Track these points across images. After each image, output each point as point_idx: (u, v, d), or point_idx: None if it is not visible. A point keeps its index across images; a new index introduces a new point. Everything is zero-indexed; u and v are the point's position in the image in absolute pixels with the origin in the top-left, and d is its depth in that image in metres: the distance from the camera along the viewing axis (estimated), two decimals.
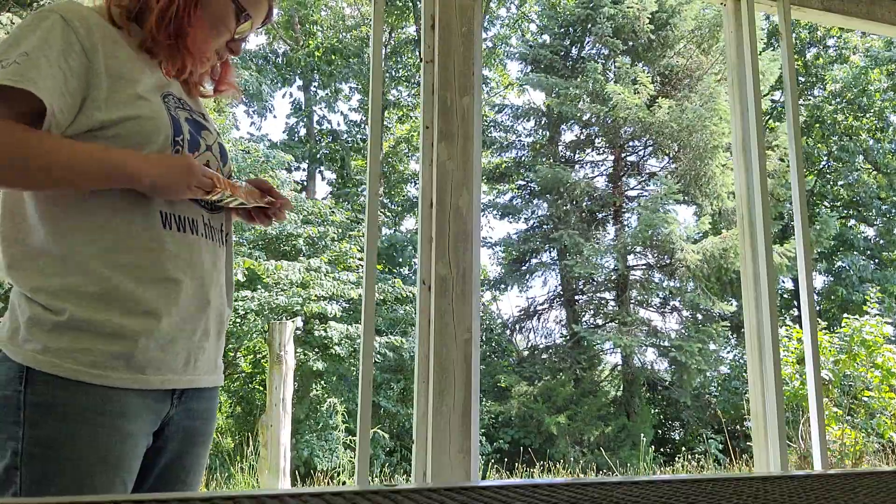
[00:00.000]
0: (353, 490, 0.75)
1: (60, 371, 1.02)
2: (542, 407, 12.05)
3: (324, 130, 15.93)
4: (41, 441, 1.00)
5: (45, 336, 1.03)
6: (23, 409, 1.00)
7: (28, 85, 1.01)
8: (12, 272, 1.08)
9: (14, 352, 1.03)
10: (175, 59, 1.21)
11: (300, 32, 16.15)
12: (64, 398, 1.02)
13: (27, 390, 1.01)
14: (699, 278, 12.26)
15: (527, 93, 14.70)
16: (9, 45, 1.05)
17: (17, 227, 1.09)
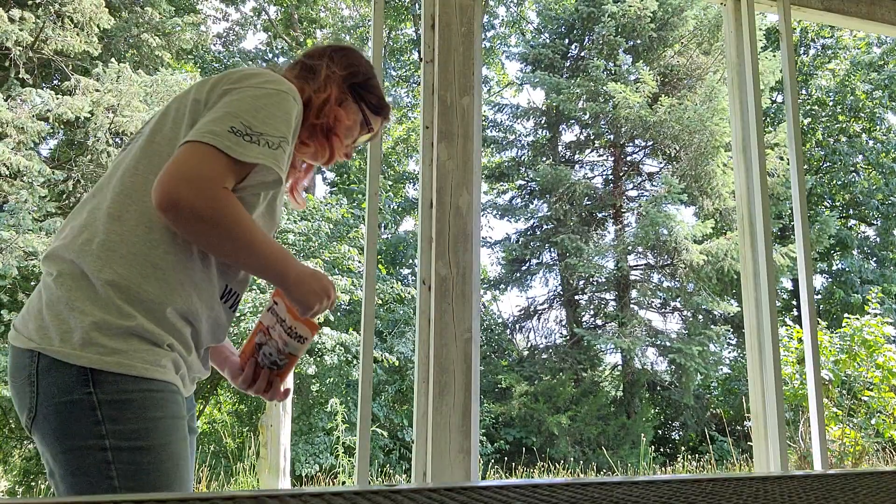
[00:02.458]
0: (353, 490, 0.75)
1: (131, 370, 1.09)
2: (543, 407, 12.05)
3: None
4: (125, 434, 1.07)
5: (110, 339, 1.09)
6: (98, 409, 1.06)
7: (280, 172, 1.20)
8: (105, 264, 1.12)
9: (72, 356, 1.07)
10: (324, 151, 1.41)
11: (300, 32, 16.15)
12: (138, 393, 1.09)
13: (97, 390, 1.07)
14: (699, 278, 12.26)
15: (526, 92, 14.70)
16: (266, 114, 1.19)
17: (141, 237, 1.15)
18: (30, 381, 1.09)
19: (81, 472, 1.07)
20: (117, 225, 1.15)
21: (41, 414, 1.09)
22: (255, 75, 1.24)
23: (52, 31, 9.76)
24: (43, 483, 8.90)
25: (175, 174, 1.09)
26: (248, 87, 1.21)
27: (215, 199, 1.10)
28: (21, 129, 8.97)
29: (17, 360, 1.12)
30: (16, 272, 8.57)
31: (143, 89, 10.16)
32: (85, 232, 1.16)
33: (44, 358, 1.09)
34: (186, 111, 1.23)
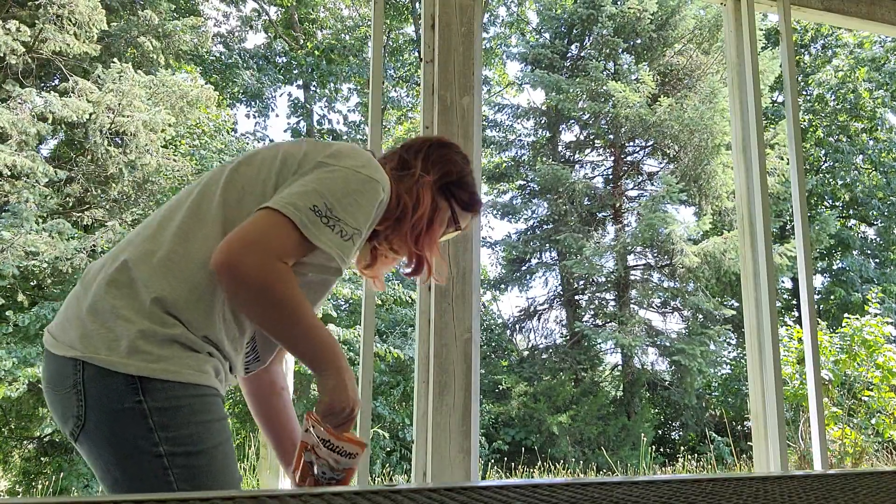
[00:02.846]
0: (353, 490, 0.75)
1: (177, 376, 1.10)
2: (543, 407, 12.04)
3: (324, 130, 15.93)
4: (178, 440, 1.09)
5: (155, 346, 1.10)
6: (149, 417, 1.08)
7: (344, 265, 1.20)
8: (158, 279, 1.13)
9: (119, 364, 1.08)
10: (412, 260, 1.42)
11: (300, 32, 16.15)
12: (186, 398, 1.11)
13: (146, 398, 1.08)
14: (699, 278, 12.26)
15: (526, 92, 14.70)
16: (351, 202, 1.18)
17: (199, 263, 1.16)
18: (76, 391, 1.09)
19: (140, 478, 1.08)
20: (182, 245, 1.16)
21: (91, 423, 1.09)
22: (354, 156, 1.24)
23: (50, 33, 9.76)
24: (43, 483, 8.90)
25: (242, 239, 1.10)
26: (343, 168, 1.20)
27: (272, 272, 1.10)
28: (22, 131, 8.97)
29: (59, 368, 1.12)
30: (16, 272, 8.57)
31: (144, 90, 10.17)
32: (149, 243, 1.17)
33: (89, 367, 1.09)
34: (276, 163, 1.24)
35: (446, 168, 1.41)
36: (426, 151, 1.42)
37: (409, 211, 1.34)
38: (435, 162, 1.41)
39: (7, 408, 9.23)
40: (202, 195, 1.22)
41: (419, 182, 1.36)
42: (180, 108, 10.64)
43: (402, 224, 1.34)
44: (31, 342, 8.77)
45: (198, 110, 11.09)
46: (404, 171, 1.38)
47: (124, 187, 10.28)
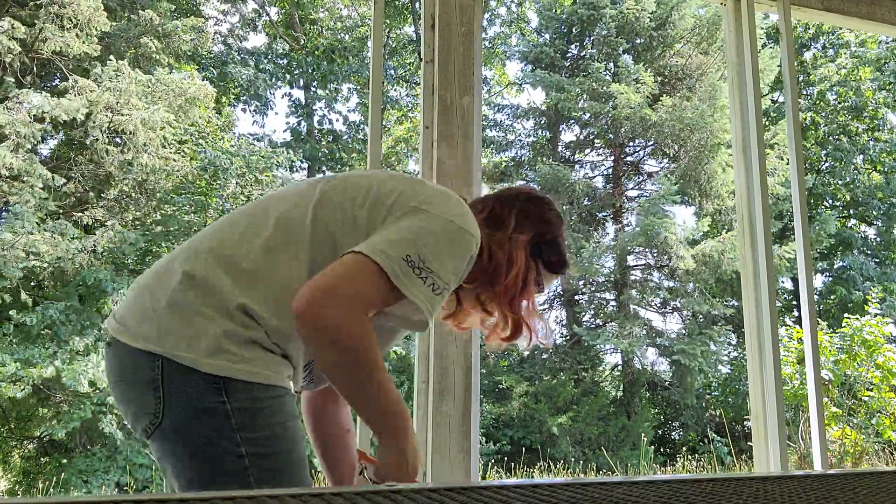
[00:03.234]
0: (353, 490, 0.75)
1: (259, 378, 1.09)
2: (543, 407, 12.04)
3: (324, 130, 15.93)
4: (260, 442, 1.09)
5: (238, 347, 1.09)
6: (232, 417, 1.07)
7: (431, 319, 1.16)
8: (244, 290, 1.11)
9: (202, 363, 1.07)
10: (505, 325, 1.35)
11: (300, 32, 16.15)
12: (267, 400, 1.11)
13: (230, 399, 1.07)
14: (699, 278, 12.26)
15: (527, 92, 14.70)
16: (444, 255, 1.15)
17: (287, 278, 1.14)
18: (154, 387, 1.07)
19: (219, 478, 1.07)
20: (268, 262, 1.14)
21: (169, 421, 1.07)
22: (450, 204, 1.20)
23: (50, 33, 9.76)
24: (43, 483, 8.90)
25: (327, 287, 1.07)
26: (438, 217, 1.16)
27: (352, 325, 1.07)
28: (19, 131, 8.97)
29: (134, 361, 1.09)
30: (19, 273, 8.57)
31: (142, 88, 10.16)
32: (235, 248, 1.15)
33: (169, 363, 1.07)
34: (369, 198, 1.20)
35: (541, 227, 1.36)
36: (521, 206, 1.36)
37: (501, 270, 1.28)
38: (530, 219, 1.35)
39: (7, 408, 9.23)
40: (291, 211, 1.19)
41: (512, 239, 1.30)
42: (179, 106, 10.64)
43: (493, 283, 1.29)
44: (34, 343, 8.77)
45: (197, 109, 11.09)
46: (497, 226, 1.32)
47: (124, 187, 10.29)
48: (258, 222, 1.18)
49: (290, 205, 1.20)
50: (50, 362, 8.46)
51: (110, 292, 9.17)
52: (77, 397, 8.76)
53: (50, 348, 8.72)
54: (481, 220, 1.30)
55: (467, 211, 1.22)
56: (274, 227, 1.17)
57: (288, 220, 1.18)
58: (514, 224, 1.32)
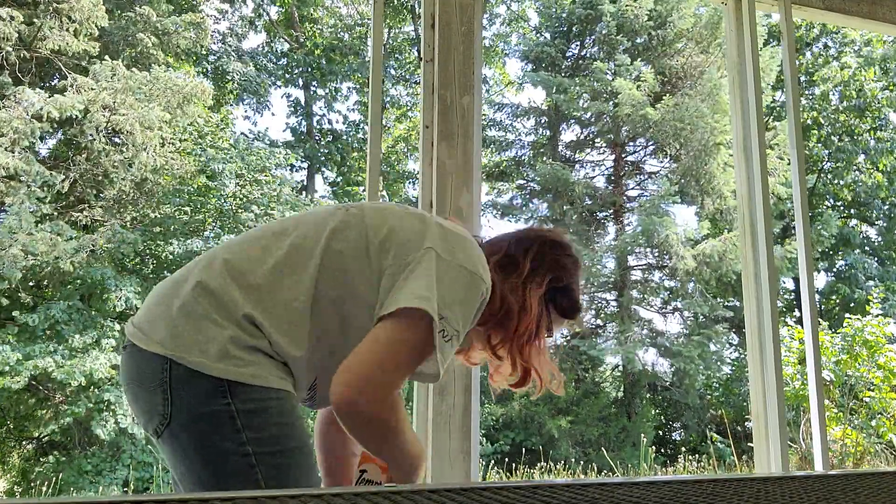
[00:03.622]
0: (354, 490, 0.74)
1: (264, 381, 1.13)
2: (543, 409, 12.04)
3: (324, 130, 15.93)
4: (265, 441, 1.12)
5: (243, 352, 1.12)
6: (237, 418, 1.10)
7: (443, 368, 1.16)
8: (253, 304, 1.15)
9: (209, 367, 1.10)
10: (515, 371, 1.34)
11: (300, 32, 16.15)
12: (271, 401, 1.14)
13: (234, 401, 1.11)
14: (700, 279, 12.25)
15: (527, 91, 14.70)
16: (457, 302, 1.16)
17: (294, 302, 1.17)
18: (162, 389, 1.11)
19: (227, 477, 1.11)
20: (276, 278, 1.17)
21: (177, 422, 1.11)
22: (465, 249, 1.21)
23: (48, 31, 9.76)
24: (42, 483, 8.90)
25: (365, 377, 1.09)
26: (450, 262, 1.17)
27: (384, 407, 1.11)
28: (16, 129, 8.97)
29: (146, 363, 1.13)
30: (18, 274, 8.57)
31: (139, 86, 10.16)
32: (248, 263, 1.19)
33: (177, 366, 1.11)
34: (381, 236, 1.21)
35: (557, 273, 1.33)
36: (537, 250, 1.33)
37: (513, 316, 1.27)
38: (546, 265, 1.33)
39: (7, 408, 9.23)
40: (305, 239, 1.22)
41: (527, 285, 1.29)
42: (177, 105, 10.63)
43: (505, 328, 1.29)
44: (34, 341, 8.77)
45: (194, 107, 11.09)
46: (511, 270, 1.30)
47: (123, 186, 10.28)
48: (274, 244, 1.22)
49: (306, 231, 1.23)
50: (51, 360, 8.48)
51: (113, 289, 9.18)
52: (75, 394, 8.76)
53: (51, 346, 8.73)
54: (495, 263, 1.29)
55: (479, 254, 1.23)
56: (286, 251, 1.20)
57: (300, 248, 1.21)
58: (528, 269, 1.30)
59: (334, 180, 15.81)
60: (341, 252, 1.20)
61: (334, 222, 1.24)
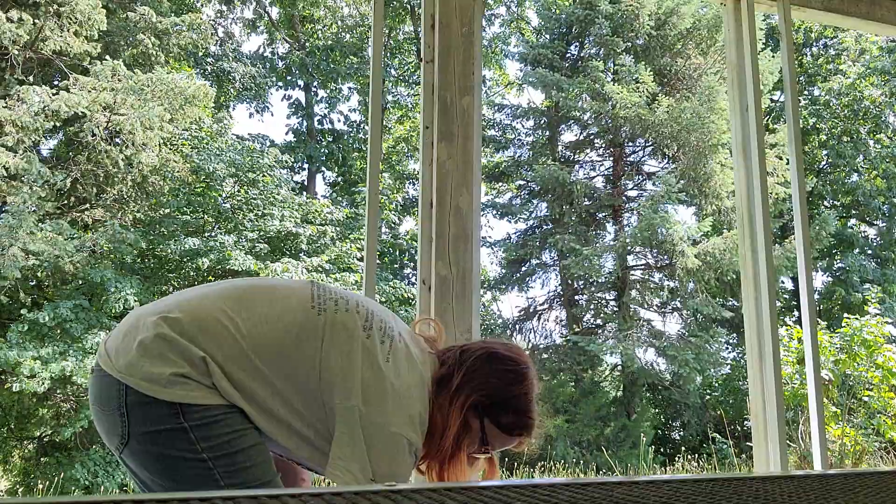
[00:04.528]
0: (353, 490, 0.74)
1: (214, 400, 1.20)
2: (543, 408, 12.03)
3: (324, 130, 15.93)
4: (219, 447, 1.20)
5: (194, 384, 1.20)
6: (190, 432, 1.18)
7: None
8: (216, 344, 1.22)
9: (161, 392, 1.18)
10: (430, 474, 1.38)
11: (301, 32, 16.15)
12: (222, 414, 1.21)
13: (186, 419, 1.18)
14: (699, 278, 12.25)
15: (526, 92, 14.70)
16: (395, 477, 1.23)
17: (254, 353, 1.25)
18: (120, 412, 1.20)
19: (187, 482, 1.19)
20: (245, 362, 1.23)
21: (134, 441, 1.19)
22: (397, 402, 1.25)
23: (50, 32, 9.75)
24: (42, 483, 8.90)
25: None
26: (379, 430, 1.23)
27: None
28: (20, 127, 8.96)
29: (106, 388, 1.21)
30: (17, 274, 8.57)
31: (141, 87, 10.15)
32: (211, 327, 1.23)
33: (132, 392, 1.19)
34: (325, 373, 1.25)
35: (485, 390, 1.33)
36: (470, 365, 1.34)
37: (435, 433, 1.30)
38: (474, 381, 1.33)
39: (7, 407, 9.23)
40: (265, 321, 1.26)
41: (453, 402, 1.30)
42: (179, 106, 10.63)
43: (428, 445, 1.31)
44: (43, 342, 8.74)
45: (196, 108, 11.09)
46: (443, 386, 1.32)
47: (124, 186, 10.28)
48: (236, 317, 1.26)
49: (270, 319, 1.27)
50: (63, 359, 8.47)
51: (112, 291, 9.17)
52: (83, 397, 8.76)
53: (60, 346, 8.72)
54: (434, 379, 1.33)
55: (409, 400, 1.26)
56: (250, 334, 1.24)
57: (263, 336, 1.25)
58: (456, 385, 1.31)
59: (334, 180, 15.81)
60: (290, 357, 1.25)
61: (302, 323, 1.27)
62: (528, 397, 1.37)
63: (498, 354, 1.38)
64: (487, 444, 1.36)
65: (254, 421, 1.24)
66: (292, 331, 1.26)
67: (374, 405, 1.23)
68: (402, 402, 1.25)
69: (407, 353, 1.32)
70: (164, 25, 11.59)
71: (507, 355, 1.39)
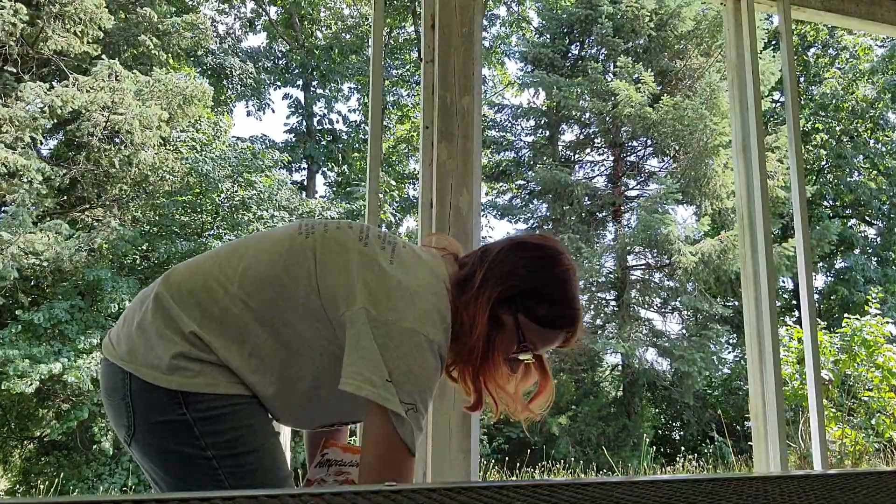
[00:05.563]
0: (353, 490, 0.74)
1: (216, 389, 1.13)
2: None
3: (324, 130, 15.93)
4: (224, 445, 1.13)
5: (194, 364, 1.13)
6: (194, 426, 1.12)
7: (417, 437, 1.11)
8: (201, 314, 1.15)
9: (161, 379, 1.12)
10: (468, 393, 1.28)
11: (300, 32, 16.14)
12: (227, 407, 1.14)
13: (189, 410, 1.12)
14: (699, 278, 12.26)
15: (527, 92, 14.70)
16: (417, 378, 1.10)
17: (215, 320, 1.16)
18: (125, 402, 1.15)
19: (192, 480, 1.14)
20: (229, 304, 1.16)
21: (140, 432, 1.15)
22: (400, 296, 1.12)
23: (51, 31, 9.75)
24: (43, 483, 8.90)
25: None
26: (394, 329, 1.09)
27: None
28: (18, 125, 8.96)
29: (112, 377, 1.17)
30: (16, 273, 8.56)
31: (140, 87, 10.15)
32: (202, 287, 1.17)
33: (135, 380, 1.14)
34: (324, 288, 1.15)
35: (507, 279, 1.20)
36: (493, 258, 1.22)
37: (463, 334, 1.18)
38: (498, 273, 1.20)
39: (8, 407, 9.23)
40: (258, 261, 1.20)
41: (478, 299, 1.18)
42: (178, 105, 10.63)
43: (458, 345, 1.19)
44: (39, 341, 8.75)
45: (194, 108, 11.09)
46: (465, 287, 1.20)
47: (123, 186, 10.28)
48: (228, 265, 1.20)
49: (258, 255, 1.21)
50: (55, 360, 8.47)
51: (109, 291, 9.17)
52: (78, 396, 8.76)
53: (55, 346, 8.72)
54: (455, 281, 1.22)
55: (425, 298, 1.15)
56: (241, 273, 1.18)
57: (251, 270, 1.18)
58: (479, 281, 1.20)
59: (334, 180, 15.81)
60: (286, 286, 1.16)
61: (287, 253, 1.20)
62: (567, 284, 1.23)
63: (525, 243, 1.25)
64: (525, 342, 1.22)
65: (265, 394, 1.15)
66: (280, 260, 1.18)
67: (383, 304, 1.11)
68: (415, 297, 1.13)
69: (414, 255, 1.22)
70: (165, 26, 11.60)
71: (535, 243, 1.26)
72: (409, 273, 1.16)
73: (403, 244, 1.24)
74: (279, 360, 1.17)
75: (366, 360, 1.08)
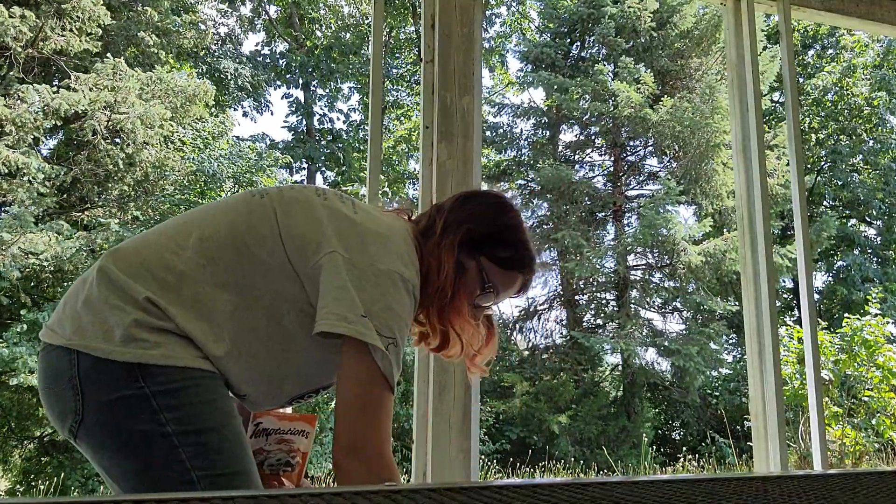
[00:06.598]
0: (353, 490, 0.74)
1: (176, 361, 1.07)
2: (544, 407, 12.04)
3: (324, 130, 15.93)
4: (185, 420, 1.07)
5: (151, 334, 1.07)
6: (152, 399, 1.06)
7: (396, 372, 1.12)
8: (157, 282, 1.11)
9: (116, 353, 1.06)
10: (435, 336, 1.29)
11: (300, 31, 16.15)
12: (187, 380, 1.08)
13: (147, 383, 1.06)
14: (699, 278, 12.26)
15: (528, 92, 14.71)
16: (396, 313, 1.12)
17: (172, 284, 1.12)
18: (72, 385, 1.07)
19: (150, 463, 1.06)
20: (188, 268, 1.13)
21: (90, 416, 1.07)
22: (368, 240, 1.15)
23: (51, 31, 9.75)
24: (42, 483, 8.90)
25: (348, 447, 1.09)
26: (366, 270, 1.11)
27: (378, 475, 1.09)
28: (20, 126, 8.96)
29: (55, 362, 1.09)
30: (17, 273, 8.57)
31: (142, 87, 10.15)
32: (152, 252, 1.14)
33: (85, 357, 1.06)
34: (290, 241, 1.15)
35: (468, 222, 1.27)
36: (450, 207, 1.30)
37: (430, 278, 1.22)
38: (458, 220, 1.27)
39: (7, 406, 9.23)
40: (214, 227, 1.18)
41: (442, 243, 1.24)
42: (180, 104, 10.64)
43: (426, 288, 1.23)
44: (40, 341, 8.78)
45: (196, 107, 11.10)
46: (429, 232, 1.27)
47: (124, 186, 10.29)
48: (183, 232, 1.17)
49: (215, 221, 1.19)
50: None
51: None
52: None
53: None
54: (417, 232, 1.27)
55: (393, 242, 1.18)
56: (196, 245, 1.15)
57: (209, 238, 1.16)
58: (442, 227, 1.26)
59: (334, 180, 15.81)
60: (248, 245, 1.15)
61: (248, 210, 1.19)
62: (519, 228, 1.32)
63: (476, 193, 1.36)
64: (489, 283, 1.28)
65: (228, 365, 1.12)
66: (240, 221, 1.17)
67: (356, 248, 1.13)
68: (386, 241, 1.16)
69: (374, 209, 1.28)
70: (165, 25, 11.60)
71: (484, 192, 1.37)
72: (375, 221, 1.20)
73: (361, 201, 1.29)
74: (243, 325, 1.13)
75: (340, 300, 1.09)
